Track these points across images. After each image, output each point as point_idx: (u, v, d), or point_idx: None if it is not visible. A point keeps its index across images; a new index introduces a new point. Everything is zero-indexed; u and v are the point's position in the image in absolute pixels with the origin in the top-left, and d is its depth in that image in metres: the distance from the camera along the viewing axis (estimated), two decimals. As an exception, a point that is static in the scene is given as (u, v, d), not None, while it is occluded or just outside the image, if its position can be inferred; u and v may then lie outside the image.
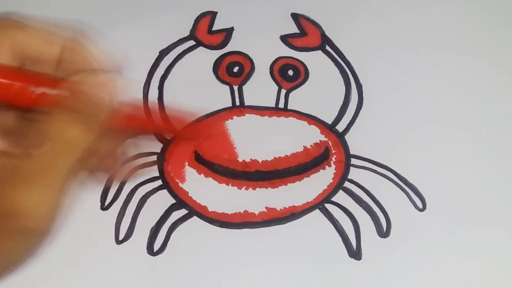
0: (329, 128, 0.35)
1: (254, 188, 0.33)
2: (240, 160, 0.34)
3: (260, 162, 0.34)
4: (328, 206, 0.33)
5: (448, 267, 0.31)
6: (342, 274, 0.31)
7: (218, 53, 0.38)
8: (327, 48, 0.39)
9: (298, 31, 0.39)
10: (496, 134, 0.35)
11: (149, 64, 0.37)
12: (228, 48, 0.38)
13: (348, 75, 0.37)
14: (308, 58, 0.38)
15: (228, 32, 0.39)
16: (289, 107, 0.36)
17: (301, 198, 0.33)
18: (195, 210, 0.33)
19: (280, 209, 0.33)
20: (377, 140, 0.35)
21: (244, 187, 0.33)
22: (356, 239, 0.32)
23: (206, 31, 0.39)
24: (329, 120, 0.36)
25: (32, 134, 0.23)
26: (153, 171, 0.34)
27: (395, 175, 0.34)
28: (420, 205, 0.33)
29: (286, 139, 0.35)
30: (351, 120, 0.36)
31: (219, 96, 0.36)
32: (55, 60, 0.25)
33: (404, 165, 0.34)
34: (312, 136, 0.35)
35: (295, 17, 0.40)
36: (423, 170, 0.34)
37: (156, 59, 0.38)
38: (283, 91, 0.37)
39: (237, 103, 0.36)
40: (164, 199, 0.33)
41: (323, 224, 0.32)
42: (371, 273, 0.31)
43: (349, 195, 0.33)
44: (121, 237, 0.32)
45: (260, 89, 0.37)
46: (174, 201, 0.33)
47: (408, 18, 0.40)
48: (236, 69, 0.37)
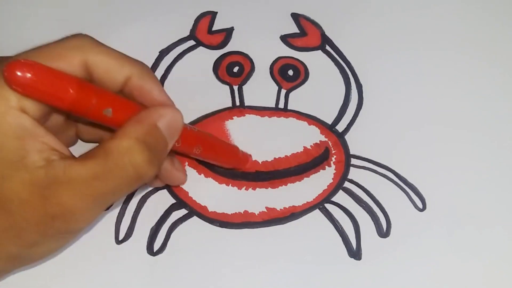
0: (329, 128, 0.35)
1: (254, 189, 0.33)
2: (240, 160, 0.34)
3: (260, 162, 0.34)
4: (328, 206, 0.33)
5: (448, 267, 0.31)
6: (342, 274, 0.31)
7: (218, 53, 0.38)
8: (327, 48, 0.39)
9: (298, 31, 0.39)
10: (496, 134, 0.35)
11: (149, 64, 0.37)
12: (228, 48, 0.38)
13: (348, 75, 0.37)
14: (308, 58, 0.38)
15: (228, 32, 0.39)
16: (289, 107, 0.36)
17: (301, 198, 0.33)
18: (195, 210, 0.33)
19: (280, 209, 0.33)
20: (377, 140, 0.35)
21: (244, 187, 0.33)
22: (356, 239, 0.32)
23: (206, 31, 0.39)
24: (329, 120, 0.36)
25: (97, 148, 0.23)
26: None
27: (395, 175, 0.34)
28: (420, 205, 0.33)
29: (286, 139, 0.35)
30: (351, 120, 0.36)
31: (219, 96, 0.36)
32: (120, 84, 0.25)
33: (404, 165, 0.34)
34: (312, 136, 0.35)
35: (295, 17, 0.40)
36: (423, 170, 0.34)
37: (156, 59, 0.38)
38: (283, 91, 0.37)
39: (237, 103, 0.36)
40: (164, 199, 0.33)
41: (323, 224, 0.32)
42: (371, 273, 0.31)
43: (349, 195, 0.33)
44: (121, 237, 0.32)
45: (260, 89, 0.37)
46: (174, 201, 0.33)
47: (408, 18, 0.40)
48: (236, 69, 0.37)
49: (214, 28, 0.39)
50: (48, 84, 0.21)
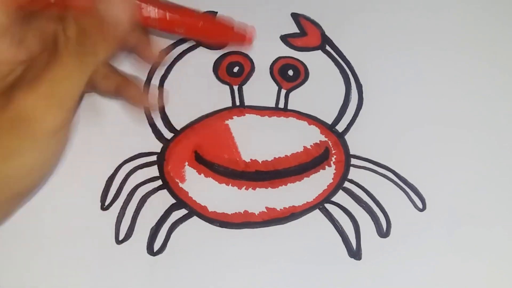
0: (329, 128, 0.35)
1: (254, 188, 0.33)
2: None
3: (260, 162, 0.34)
4: (328, 206, 0.33)
5: (448, 267, 0.31)
6: (342, 274, 0.31)
7: (218, 53, 0.38)
8: (327, 48, 0.39)
9: (298, 31, 0.39)
10: (496, 134, 0.35)
11: (149, 63, 0.37)
12: (228, 48, 0.38)
13: (348, 75, 0.37)
14: (308, 58, 0.38)
15: (228, 32, 0.39)
16: (289, 107, 0.36)
17: (301, 198, 0.33)
18: (195, 210, 0.33)
19: (280, 209, 0.33)
20: (377, 140, 0.35)
21: (244, 187, 0.33)
22: (356, 239, 0.32)
23: (206, 31, 0.39)
24: (329, 120, 0.36)
25: (47, 43, 0.23)
26: (153, 171, 0.34)
27: (395, 175, 0.34)
28: (420, 205, 0.33)
29: (286, 139, 0.35)
30: (351, 120, 0.36)
31: (219, 96, 0.36)
32: None
33: (404, 165, 0.34)
34: (312, 136, 0.35)
35: (295, 17, 0.40)
36: (423, 170, 0.34)
37: (156, 59, 0.38)
38: (283, 91, 0.37)
39: (237, 103, 0.36)
40: (164, 199, 0.33)
41: (323, 224, 0.32)
42: (371, 273, 0.31)
43: (349, 195, 0.33)
44: (121, 237, 0.32)
45: (260, 89, 0.37)
46: (174, 201, 0.33)
47: (408, 18, 0.40)
48: (236, 69, 0.37)
49: (214, 28, 0.39)
50: None
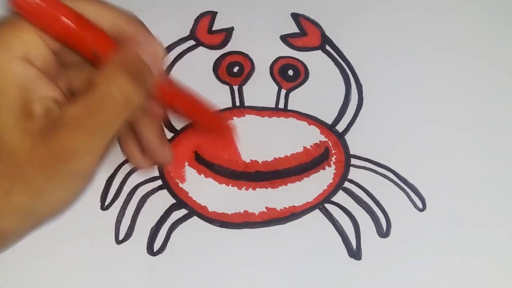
0: (329, 128, 0.35)
1: (254, 189, 0.33)
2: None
3: (260, 162, 0.34)
4: (328, 206, 0.33)
5: (448, 267, 0.31)
6: (342, 274, 0.31)
7: (218, 53, 0.38)
8: (327, 48, 0.39)
9: (298, 31, 0.39)
10: (496, 134, 0.35)
11: (149, 64, 0.37)
12: (228, 48, 0.38)
13: (348, 75, 0.37)
14: (308, 58, 0.38)
15: (228, 32, 0.39)
16: (289, 107, 0.36)
17: (301, 198, 0.33)
18: (195, 210, 0.33)
19: (280, 209, 0.33)
20: (377, 140, 0.35)
21: (244, 187, 0.33)
22: (356, 239, 0.32)
23: (206, 31, 0.39)
24: (329, 120, 0.36)
25: (86, 85, 0.24)
26: (153, 171, 0.34)
27: (395, 175, 0.34)
28: (420, 205, 0.33)
29: (286, 139, 0.35)
30: (351, 120, 0.36)
31: (219, 96, 0.36)
32: (110, 31, 0.25)
33: (404, 165, 0.34)
34: (312, 136, 0.35)
35: (295, 17, 0.40)
36: (423, 170, 0.34)
37: (156, 59, 0.38)
38: (283, 91, 0.37)
39: (237, 103, 0.36)
40: (164, 199, 0.33)
41: (323, 224, 0.32)
42: (371, 273, 0.31)
43: (349, 195, 0.33)
44: (121, 237, 0.32)
45: (260, 89, 0.37)
46: (174, 201, 0.33)
47: (408, 18, 0.40)
48: (236, 69, 0.37)
49: (214, 28, 0.39)
50: (48, 10, 0.22)
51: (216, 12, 0.40)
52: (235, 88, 0.37)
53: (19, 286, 0.30)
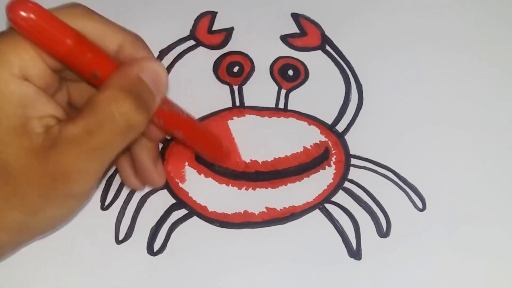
0: (329, 128, 0.35)
1: (254, 189, 0.33)
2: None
3: (260, 162, 0.34)
4: (328, 206, 0.33)
5: (448, 267, 0.31)
6: (342, 274, 0.31)
7: (218, 53, 0.38)
8: (327, 48, 0.39)
9: (298, 31, 0.39)
10: (496, 134, 0.35)
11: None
12: (228, 48, 0.38)
13: (348, 75, 0.37)
14: (308, 58, 0.38)
15: (228, 32, 0.39)
16: (289, 107, 0.36)
17: (301, 198, 0.33)
18: (195, 210, 0.33)
19: (280, 209, 0.33)
20: (377, 140, 0.35)
21: (244, 187, 0.33)
22: (356, 239, 0.32)
23: (206, 31, 0.39)
24: (329, 120, 0.36)
25: (85, 105, 0.23)
26: (153, 171, 0.34)
27: (395, 175, 0.34)
28: (420, 205, 0.33)
29: (286, 139, 0.35)
30: (351, 120, 0.36)
31: (219, 96, 0.36)
32: (113, 52, 0.25)
33: (404, 165, 0.34)
34: (312, 136, 0.35)
35: (295, 17, 0.40)
36: (423, 170, 0.34)
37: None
38: (283, 91, 0.37)
39: (237, 103, 0.36)
40: (164, 199, 0.33)
41: (323, 224, 0.32)
42: (371, 273, 0.31)
43: (349, 195, 0.33)
44: (121, 237, 0.32)
45: (260, 89, 0.37)
46: (174, 201, 0.33)
47: (408, 18, 0.40)
48: (236, 69, 0.37)
49: (214, 28, 0.39)
50: (48, 29, 0.21)
51: (216, 12, 0.40)
52: (235, 88, 0.37)
53: (19, 286, 0.30)
